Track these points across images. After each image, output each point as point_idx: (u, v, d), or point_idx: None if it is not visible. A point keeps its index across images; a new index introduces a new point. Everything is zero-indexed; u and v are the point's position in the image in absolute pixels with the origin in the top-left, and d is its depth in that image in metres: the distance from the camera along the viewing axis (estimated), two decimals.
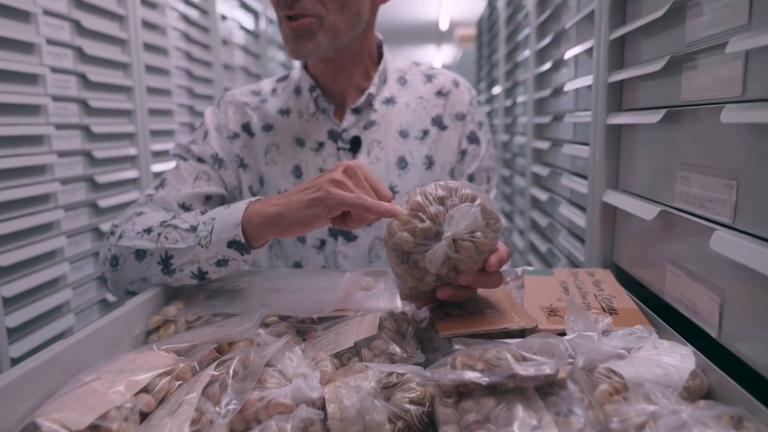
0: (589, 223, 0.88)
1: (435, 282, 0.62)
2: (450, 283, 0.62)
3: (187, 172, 0.93)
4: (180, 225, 0.73)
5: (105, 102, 1.26)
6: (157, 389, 0.52)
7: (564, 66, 1.15)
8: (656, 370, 0.49)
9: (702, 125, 0.57)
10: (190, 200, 0.90)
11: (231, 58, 2.11)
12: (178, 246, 0.71)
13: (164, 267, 0.73)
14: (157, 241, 0.73)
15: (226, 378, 0.53)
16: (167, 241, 0.72)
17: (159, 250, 0.72)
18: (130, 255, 0.75)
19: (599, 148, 0.82)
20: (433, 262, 0.58)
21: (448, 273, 0.61)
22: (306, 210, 0.65)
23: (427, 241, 0.59)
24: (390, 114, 0.97)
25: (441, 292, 0.62)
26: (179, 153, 0.95)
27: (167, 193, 0.89)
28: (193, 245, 0.71)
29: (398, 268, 0.62)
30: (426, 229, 0.59)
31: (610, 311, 0.64)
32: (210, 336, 0.61)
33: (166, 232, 0.73)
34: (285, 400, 0.51)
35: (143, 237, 0.74)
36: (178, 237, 0.72)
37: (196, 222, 0.72)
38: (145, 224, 0.76)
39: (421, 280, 0.62)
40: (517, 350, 0.48)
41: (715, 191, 0.53)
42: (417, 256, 0.60)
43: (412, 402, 0.50)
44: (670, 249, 0.64)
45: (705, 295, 0.55)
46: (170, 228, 0.73)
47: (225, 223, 0.69)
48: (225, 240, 0.69)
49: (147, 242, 0.74)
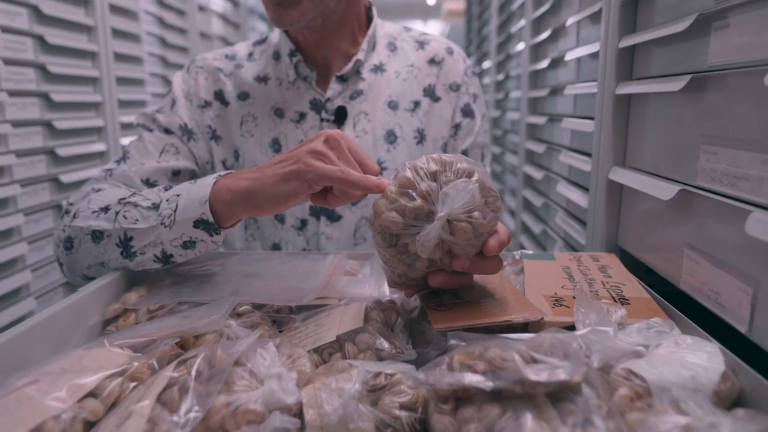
0: (591, 203, 0.81)
1: (427, 268, 0.55)
2: (443, 268, 0.55)
3: (152, 145, 0.84)
4: (140, 203, 0.65)
5: (67, 68, 1.16)
6: (106, 393, 0.45)
7: (564, 35, 1.08)
8: (682, 372, 0.43)
9: (734, 92, 0.50)
10: (155, 176, 0.82)
11: (208, 26, 2.00)
12: (139, 226, 0.64)
13: (124, 250, 0.65)
14: (114, 221, 0.65)
15: (188, 380, 0.45)
16: (126, 220, 0.65)
17: (117, 231, 0.65)
18: (86, 237, 0.68)
19: (606, 121, 0.75)
20: (424, 246, 0.51)
21: (441, 258, 0.54)
22: (282, 185, 0.57)
23: (418, 222, 0.52)
24: (378, 83, 0.89)
25: (433, 279, 0.55)
26: (143, 123, 0.87)
27: (129, 167, 0.81)
28: (156, 225, 0.63)
29: (385, 253, 0.55)
30: (417, 208, 0.51)
31: (622, 301, 0.58)
32: (172, 329, 0.54)
33: (125, 211, 0.65)
34: (256, 406, 0.44)
35: (99, 216, 0.67)
36: (138, 216, 0.64)
37: (159, 199, 0.65)
38: (102, 202, 0.69)
39: (411, 266, 0.55)
40: (527, 350, 0.42)
41: (750, 168, 0.46)
42: (406, 239, 0.53)
43: (402, 407, 0.44)
44: (689, 232, 0.57)
45: (733, 285, 0.49)
46: (129, 206, 0.65)
47: (191, 200, 0.61)
48: (191, 219, 0.61)
49: (104, 222, 0.66)
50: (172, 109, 0.87)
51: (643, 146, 0.70)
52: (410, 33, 0.97)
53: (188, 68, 0.93)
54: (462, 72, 0.93)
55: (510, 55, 1.72)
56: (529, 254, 0.73)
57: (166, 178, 0.83)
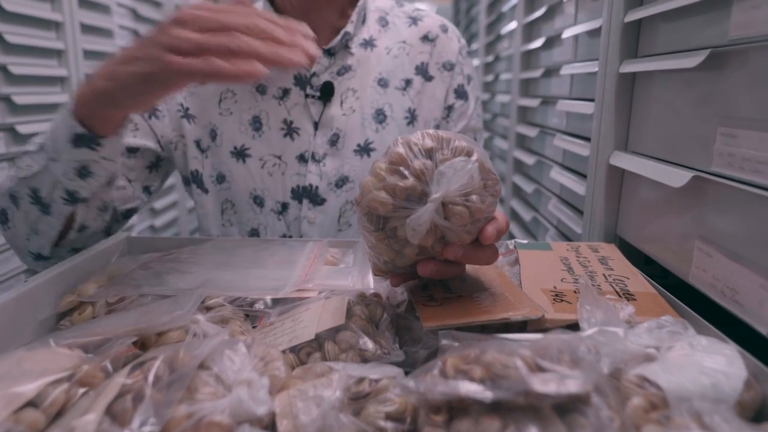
0: (589, 190, 0.77)
1: (417, 255, 0.49)
2: (434, 256, 0.50)
3: None
4: (30, 148, 0.62)
5: (31, 68, 1.07)
6: (48, 402, 0.39)
7: (560, 12, 1.02)
8: (702, 379, 0.39)
9: (759, 68, 0.45)
10: None
11: None
12: (34, 171, 0.60)
13: (38, 204, 0.62)
14: (17, 177, 0.62)
15: (144, 387, 0.40)
16: (23, 171, 0.61)
17: (22, 186, 0.62)
18: (9, 203, 0.65)
19: (608, 102, 0.70)
20: (415, 230, 0.46)
21: (433, 245, 0.48)
22: (141, 86, 0.51)
23: (410, 204, 0.46)
24: (368, 59, 0.84)
25: (423, 268, 0.50)
26: None
27: None
28: (46, 163, 0.59)
29: (371, 237, 0.49)
30: (409, 188, 0.46)
31: (627, 296, 0.53)
32: (130, 326, 0.48)
33: (20, 161, 0.62)
34: (222, 417, 0.38)
35: (10, 179, 0.64)
36: (32, 162, 0.61)
37: (44, 138, 0.61)
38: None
39: (399, 253, 0.49)
40: (532, 357, 0.37)
41: None
42: (396, 222, 0.47)
43: (389, 418, 0.39)
44: (701, 222, 0.53)
45: (753, 282, 0.44)
46: (24, 156, 0.62)
47: (62, 119, 0.57)
48: (66, 138, 0.56)
49: (9, 181, 0.64)
50: None
51: (648, 129, 0.65)
52: (403, 8, 0.91)
53: None
54: (457, 51, 0.88)
55: (500, 36, 1.66)
56: (523, 243, 0.68)
57: (126, 156, 0.77)
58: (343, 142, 0.82)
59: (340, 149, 0.82)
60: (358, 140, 0.82)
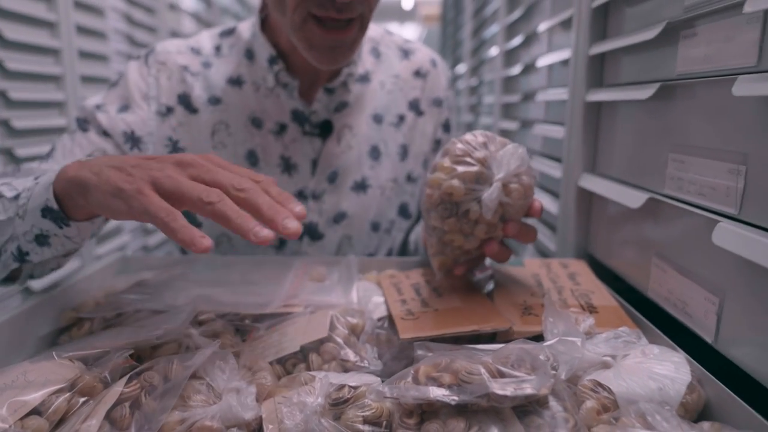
0: (562, 210, 0.81)
1: (485, 234, 0.58)
2: (494, 238, 0.59)
3: (80, 146, 0.74)
4: (5, 193, 0.57)
5: (27, 65, 1.11)
6: (51, 410, 0.42)
7: (536, 41, 1.08)
8: (649, 384, 0.43)
9: (702, 101, 0.50)
10: None
11: (179, 25, 1.95)
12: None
13: None
14: None
15: (140, 395, 0.43)
16: None
17: None
18: None
19: (576, 127, 0.75)
20: (488, 206, 0.55)
21: (496, 223, 0.58)
22: (110, 198, 0.48)
23: (478, 186, 0.56)
24: (364, 94, 0.85)
25: (489, 248, 0.59)
26: (82, 118, 0.77)
27: (49, 167, 0.70)
28: (12, 216, 0.55)
29: (445, 224, 0.58)
30: (477, 173, 0.55)
31: (590, 309, 0.57)
32: (127, 339, 0.51)
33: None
34: (212, 422, 0.42)
35: None
36: (0, 208, 0.56)
37: (23, 188, 0.56)
38: None
39: (469, 235, 0.59)
40: (493, 363, 0.41)
41: (717, 177, 0.46)
42: (467, 205, 0.56)
43: (366, 422, 0.42)
44: (657, 240, 0.57)
45: (699, 295, 0.49)
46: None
47: (43, 186, 0.53)
48: (38, 207, 0.53)
49: None
50: (122, 113, 0.77)
51: (613, 153, 0.70)
52: (392, 38, 0.93)
53: (146, 59, 0.81)
54: (445, 87, 0.92)
55: (483, 60, 1.72)
56: None
57: None
58: (341, 179, 0.83)
59: (338, 186, 0.83)
60: (355, 177, 0.84)
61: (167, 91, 0.80)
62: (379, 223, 0.88)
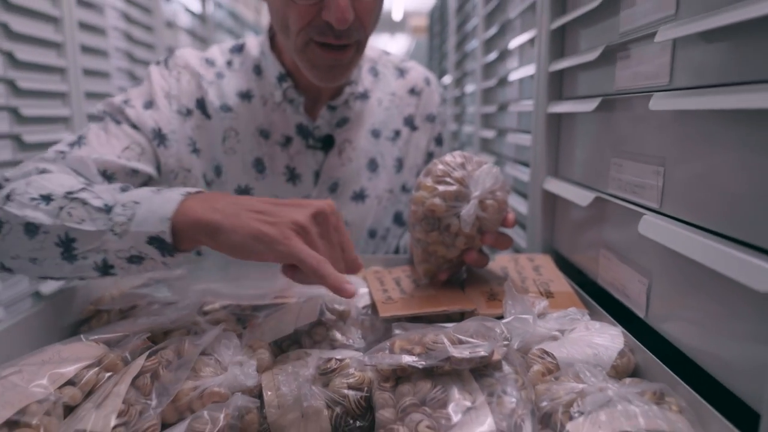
0: (530, 210, 0.90)
1: (464, 245, 0.65)
2: (473, 247, 0.66)
3: (117, 138, 0.77)
4: (90, 200, 0.58)
5: (35, 83, 1.19)
6: (83, 381, 0.50)
7: (509, 56, 1.17)
8: (587, 350, 0.51)
9: (633, 113, 0.59)
10: (113, 169, 0.75)
11: (176, 42, 2.04)
12: (84, 227, 0.57)
13: (65, 250, 0.58)
14: (57, 216, 0.57)
15: (158, 368, 0.51)
16: (70, 218, 0.57)
17: (57, 228, 0.57)
18: (18, 226, 0.58)
19: (540, 136, 0.84)
20: (466, 221, 0.62)
21: (474, 235, 0.65)
22: (250, 241, 0.53)
23: (457, 203, 0.63)
24: (363, 111, 0.92)
25: (468, 257, 0.66)
26: (110, 112, 0.80)
27: (87, 153, 0.73)
28: (104, 230, 0.56)
29: (428, 237, 0.65)
30: (456, 192, 0.62)
31: (547, 295, 0.66)
32: (143, 325, 0.59)
33: (71, 207, 0.57)
34: (220, 389, 0.49)
35: (39, 206, 0.58)
36: (86, 215, 0.57)
37: (113, 201, 0.58)
38: (44, 188, 0.60)
39: (450, 246, 0.66)
40: (454, 334, 0.49)
41: (644, 177, 0.55)
42: (447, 219, 0.63)
43: (350, 387, 0.50)
44: (604, 234, 0.66)
45: (634, 278, 0.57)
46: (77, 202, 0.58)
47: (151, 213, 0.56)
48: (146, 233, 0.55)
49: (43, 215, 0.58)
50: (148, 108, 0.81)
51: (571, 159, 0.78)
52: (389, 58, 0.99)
53: (167, 63, 0.86)
54: (438, 103, 0.99)
55: (466, 73, 1.82)
56: None
57: (124, 176, 0.76)
58: (341, 189, 0.90)
59: (339, 196, 0.90)
60: (354, 188, 0.91)
61: (187, 93, 0.85)
62: (375, 230, 0.95)
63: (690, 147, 0.48)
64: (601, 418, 0.40)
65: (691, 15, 0.47)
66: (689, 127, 0.48)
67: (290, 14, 0.72)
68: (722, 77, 0.44)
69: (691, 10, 0.48)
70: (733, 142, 0.43)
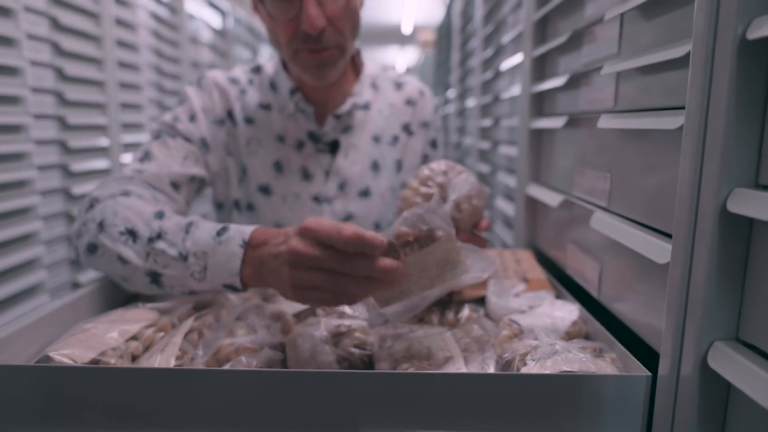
0: (516, 212, 1.02)
1: None
2: None
3: (176, 149, 0.91)
4: (167, 250, 0.66)
5: (79, 94, 1.34)
6: (144, 337, 0.62)
7: (502, 76, 1.30)
8: (546, 320, 0.63)
9: (590, 130, 0.71)
10: (179, 180, 0.89)
11: (198, 56, 2.19)
12: (168, 272, 0.67)
13: (153, 280, 0.68)
14: (146, 260, 0.67)
15: (203, 328, 0.64)
16: (156, 264, 0.67)
17: (146, 268, 0.68)
18: (112, 256, 0.69)
19: (524, 147, 0.97)
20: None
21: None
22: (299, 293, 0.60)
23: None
24: (365, 120, 1.05)
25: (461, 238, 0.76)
26: (164, 129, 0.94)
27: (158, 168, 0.87)
28: (185, 275, 0.66)
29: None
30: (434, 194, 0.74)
31: (524, 280, 0.78)
32: (188, 298, 0.72)
33: (155, 255, 0.67)
34: (252, 345, 0.62)
35: (127, 243, 0.68)
36: (168, 262, 0.67)
37: (185, 250, 0.66)
38: (129, 222, 0.70)
39: None
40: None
41: (597, 182, 0.67)
42: None
43: (356, 347, 0.62)
44: (571, 231, 0.78)
45: (590, 265, 0.69)
46: (157, 252, 0.67)
47: (220, 267, 0.65)
48: (220, 282, 0.65)
49: (133, 254, 0.68)
50: (192, 122, 0.95)
51: (549, 167, 0.91)
52: (387, 73, 1.12)
53: (200, 83, 1.00)
54: (431, 111, 1.12)
55: (467, 89, 1.95)
56: None
57: (186, 182, 0.91)
58: (349, 187, 1.01)
59: (347, 192, 1.01)
60: (360, 186, 1.02)
61: (219, 106, 1.00)
62: (380, 223, 1.08)
63: (626, 157, 0.61)
64: (548, 363, 0.52)
65: (631, 54, 0.60)
66: (626, 141, 0.61)
67: (278, 30, 0.87)
68: (653, 103, 0.56)
69: (630, 49, 0.60)
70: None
